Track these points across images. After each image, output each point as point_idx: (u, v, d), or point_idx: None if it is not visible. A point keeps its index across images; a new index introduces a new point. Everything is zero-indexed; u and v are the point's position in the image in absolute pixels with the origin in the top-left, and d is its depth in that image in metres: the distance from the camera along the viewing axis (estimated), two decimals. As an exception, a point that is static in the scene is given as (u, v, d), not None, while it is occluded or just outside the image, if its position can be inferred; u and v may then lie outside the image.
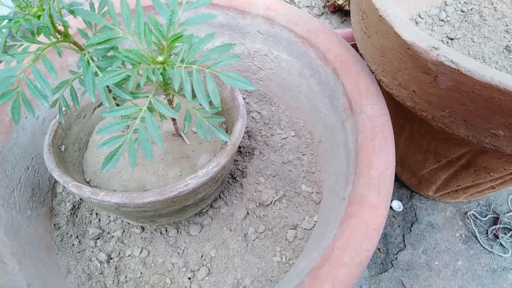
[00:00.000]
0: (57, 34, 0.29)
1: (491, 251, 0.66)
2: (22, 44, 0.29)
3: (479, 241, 0.67)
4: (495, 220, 0.69)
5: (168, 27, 0.29)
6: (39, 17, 0.27)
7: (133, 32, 0.29)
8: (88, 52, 0.29)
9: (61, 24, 0.29)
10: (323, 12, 0.82)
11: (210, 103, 0.28)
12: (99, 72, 0.29)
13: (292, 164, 0.54)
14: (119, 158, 0.29)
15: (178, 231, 0.48)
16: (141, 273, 0.45)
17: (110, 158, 0.29)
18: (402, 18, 0.37)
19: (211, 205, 0.50)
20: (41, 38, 0.29)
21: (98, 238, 0.48)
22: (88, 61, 0.29)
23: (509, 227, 0.67)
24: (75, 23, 0.31)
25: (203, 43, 0.28)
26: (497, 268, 0.65)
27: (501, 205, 0.71)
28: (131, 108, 0.29)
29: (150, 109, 0.29)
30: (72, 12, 0.29)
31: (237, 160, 0.54)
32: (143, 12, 0.29)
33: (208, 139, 0.34)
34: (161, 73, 0.28)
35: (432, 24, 0.57)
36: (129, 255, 0.46)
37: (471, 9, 0.57)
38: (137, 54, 0.28)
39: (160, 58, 0.29)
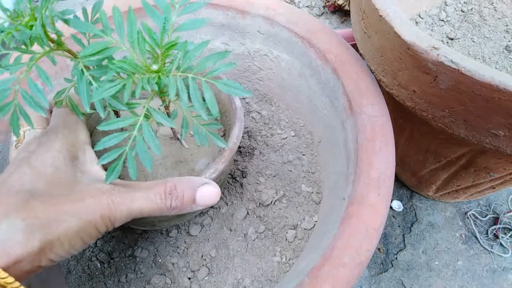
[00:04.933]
0: (50, 43, 0.29)
1: (491, 251, 0.66)
2: (14, 53, 0.28)
3: (479, 241, 0.67)
4: (495, 220, 0.69)
5: (162, 35, 0.28)
6: (31, 27, 0.26)
7: (126, 41, 0.28)
8: (82, 61, 0.29)
9: (54, 32, 0.28)
10: (323, 12, 0.82)
11: (207, 109, 0.28)
12: (93, 82, 0.28)
13: (292, 164, 0.54)
14: (121, 170, 0.29)
15: (178, 231, 0.48)
16: (141, 273, 0.45)
17: (112, 171, 0.29)
18: (402, 18, 0.37)
19: (211, 205, 0.50)
20: (35, 47, 0.29)
21: (98, 238, 0.48)
22: (82, 70, 0.28)
23: (509, 227, 0.67)
24: (68, 29, 0.31)
25: (198, 50, 0.27)
26: (497, 268, 0.65)
27: (501, 205, 0.71)
28: (128, 120, 0.28)
29: (147, 116, 0.29)
30: (66, 21, 0.28)
31: (237, 160, 0.54)
32: (136, 20, 0.28)
33: (205, 145, 0.34)
34: (156, 82, 0.27)
35: (432, 24, 0.57)
36: (130, 255, 0.46)
37: (471, 9, 0.57)
38: (131, 64, 0.27)
39: (155, 67, 0.28)
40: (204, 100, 0.27)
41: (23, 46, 0.27)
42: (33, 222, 0.25)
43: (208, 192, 0.32)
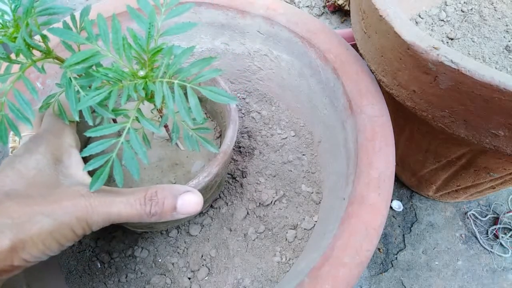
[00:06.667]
0: (37, 51, 0.28)
1: (491, 251, 0.66)
2: (4, 63, 0.28)
3: (479, 241, 0.67)
4: (495, 220, 0.69)
5: (147, 40, 0.28)
6: (14, 39, 0.26)
7: (111, 48, 0.28)
8: (68, 70, 0.28)
9: (41, 41, 0.28)
10: (323, 12, 0.82)
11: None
12: (81, 91, 0.28)
13: (292, 164, 0.54)
14: (106, 177, 0.28)
15: (178, 231, 0.48)
16: (141, 273, 0.45)
17: (97, 178, 0.28)
18: (402, 18, 0.37)
19: (211, 205, 0.50)
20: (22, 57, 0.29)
21: (98, 238, 0.48)
22: (70, 78, 0.28)
23: (509, 227, 0.67)
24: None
25: (184, 55, 0.27)
26: (497, 268, 0.65)
27: (501, 205, 0.71)
28: (114, 126, 0.28)
29: (138, 119, 0.29)
30: (44, 36, 0.28)
31: (237, 160, 0.54)
32: (120, 26, 0.28)
33: (196, 150, 0.34)
34: (143, 88, 0.27)
35: (432, 24, 0.57)
36: (130, 255, 0.46)
37: (471, 9, 0.57)
38: (118, 71, 0.27)
39: (142, 73, 0.28)
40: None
41: (13, 55, 0.27)
42: (4, 222, 0.25)
43: (189, 201, 0.32)
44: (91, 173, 0.32)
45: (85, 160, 0.33)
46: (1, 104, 0.27)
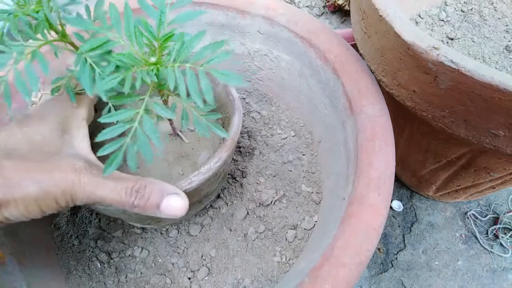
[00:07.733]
0: (54, 33, 0.29)
1: (491, 251, 0.66)
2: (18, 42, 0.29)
3: (479, 241, 0.67)
4: (495, 220, 0.69)
5: (158, 27, 0.29)
6: (37, 12, 0.27)
7: (124, 35, 0.29)
8: (84, 55, 0.29)
9: (59, 24, 0.29)
10: (323, 12, 0.82)
11: (205, 100, 0.28)
12: (96, 68, 0.29)
13: (292, 164, 0.54)
14: (120, 162, 0.29)
15: (178, 231, 0.48)
16: (141, 273, 0.45)
17: (111, 163, 0.29)
18: (402, 18, 0.37)
19: (211, 205, 0.50)
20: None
21: (98, 238, 0.48)
22: (85, 58, 0.29)
23: (509, 227, 0.67)
24: (69, 26, 0.32)
25: (194, 40, 0.28)
26: (497, 268, 0.65)
27: (501, 205, 0.71)
28: (129, 112, 0.29)
29: (147, 110, 0.29)
30: (65, 19, 0.29)
31: (237, 160, 0.54)
32: (132, 14, 0.29)
33: (206, 136, 0.34)
34: (155, 74, 0.28)
35: (432, 24, 0.57)
36: (129, 255, 0.46)
37: (471, 9, 0.57)
38: (130, 57, 0.28)
39: (153, 59, 0.29)
40: (200, 90, 0.28)
41: (27, 33, 0.28)
42: None
43: (174, 204, 0.31)
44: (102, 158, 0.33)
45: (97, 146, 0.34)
46: (7, 71, 0.28)
